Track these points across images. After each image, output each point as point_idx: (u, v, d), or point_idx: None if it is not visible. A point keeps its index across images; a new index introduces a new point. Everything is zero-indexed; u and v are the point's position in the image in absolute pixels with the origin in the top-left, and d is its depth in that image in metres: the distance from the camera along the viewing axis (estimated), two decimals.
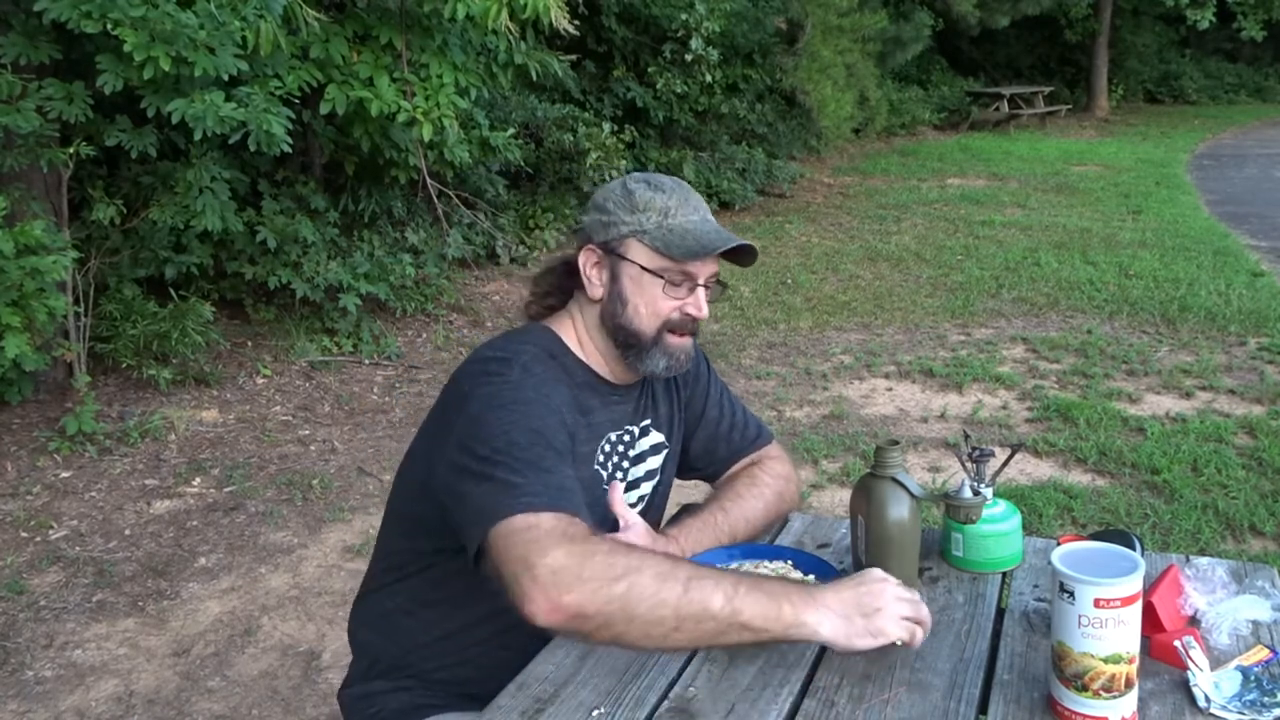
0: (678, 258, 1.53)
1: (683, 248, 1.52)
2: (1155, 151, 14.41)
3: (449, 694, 1.62)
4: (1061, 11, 18.81)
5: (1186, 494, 3.92)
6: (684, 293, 1.56)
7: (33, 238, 3.86)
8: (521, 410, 1.41)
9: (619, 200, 1.56)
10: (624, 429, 1.66)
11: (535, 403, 1.44)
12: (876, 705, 1.30)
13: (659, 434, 1.73)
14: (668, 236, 1.53)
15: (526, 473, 1.33)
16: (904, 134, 15.56)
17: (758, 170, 10.34)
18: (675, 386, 1.77)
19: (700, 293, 1.57)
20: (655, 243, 1.53)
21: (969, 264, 7.83)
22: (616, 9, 9.06)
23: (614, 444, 1.63)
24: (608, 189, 1.60)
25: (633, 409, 1.68)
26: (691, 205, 1.57)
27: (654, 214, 1.54)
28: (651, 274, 1.54)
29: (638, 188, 1.56)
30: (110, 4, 3.78)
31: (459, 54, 5.46)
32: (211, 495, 4.16)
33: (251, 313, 5.85)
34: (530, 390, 1.45)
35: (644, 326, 1.55)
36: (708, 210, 1.60)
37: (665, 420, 1.74)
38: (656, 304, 1.55)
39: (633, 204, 1.55)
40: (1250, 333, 5.95)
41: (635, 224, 1.54)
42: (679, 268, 1.54)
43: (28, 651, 3.12)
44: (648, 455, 1.71)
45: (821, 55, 10.23)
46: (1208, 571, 1.53)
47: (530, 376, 1.47)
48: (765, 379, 5.45)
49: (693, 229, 1.54)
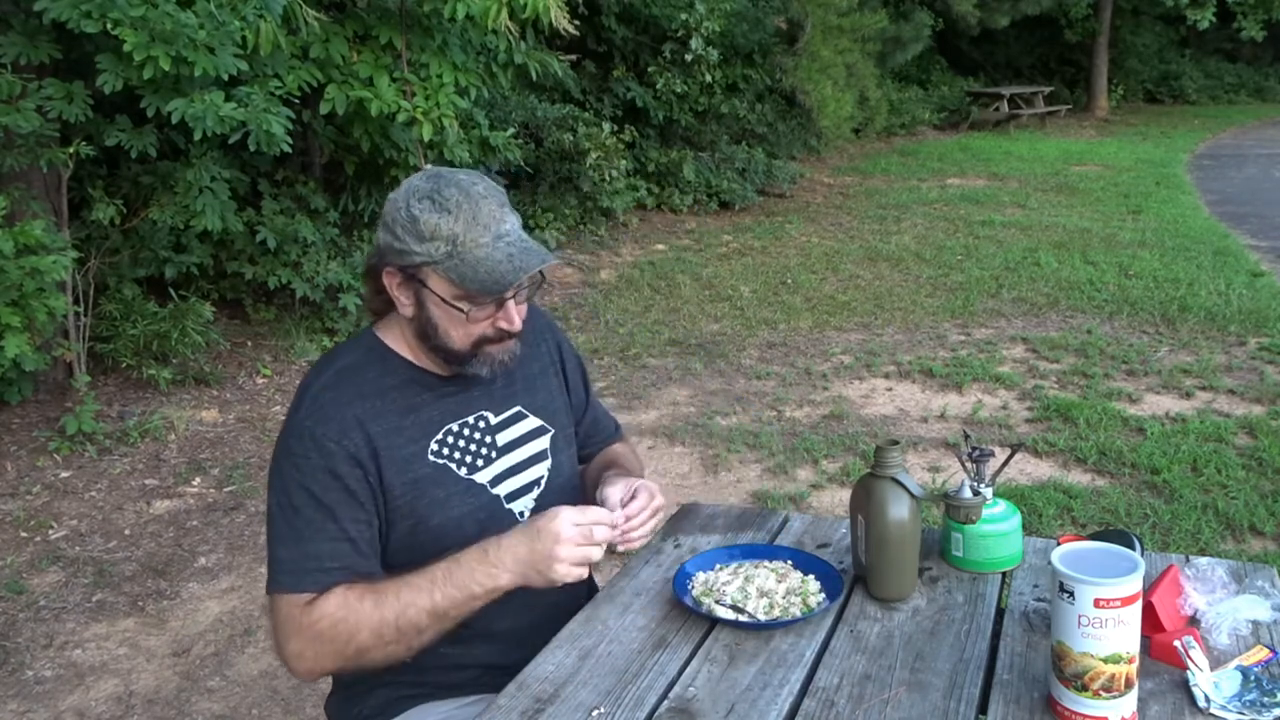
0: (474, 291, 1.48)
1: (476, 283, 1.47)
2: (1155, 151, 14.40)
3: (425, 684, 1.63)
4: (1061, 11, 18.81)
5: (1186, 494, 3.92)
6: (491, 310, 1.52)
7: (33, 238, 3.86)
8: (297, 465, 1.49)
9: (406, 225, 1.47)
10: (474, 415, 1.63)
11: (310, 453, 1.49)
12: (876, 705, 1.31)
13: (536, 419, 1.70)
14: (461, 269, 1.46)
15: (288, 542, 1.49)
16: (904, 134, 15.56)
17: (758, 170, 10.34)
18: (554, 371, 1.77)
19: (510, 307, 1.53)
20: (450, 274, 1.47)
21: (969, 264, 7.83)
22: (616, 9, 9.06)
23: (458, 433, 1.61)
24: (395, 206, 1.50)
25: (483, 396, 1.65)
26: (481, 224, 1.46)
27: (442, 244, 1.46)
28: (453, 305, 1.49)
29: (421, 211, 1.46)
30: (110, 4, 3.78)
31: (459, 54, 5.47)
32: (211, 495, 4.16)
33: (251, 313, 5.85)
34: (308, 439, 1.49)
35: (458, 346, 1.54)
36: (503, 219, 1.49)
37: (544, 405, 1.72)
38: (466, 327, 1.52)
39: (419, 232, 1.46)
40: (1250, 333, 5.95)
41: (425, 254, 1.47)
42: (479, 297, 1.50)
43: (28, 651, 3.12)
44: (526, 440, 1.68)
45: (821, 55, 10.24)
46: (1208, 571, 1.53)
47: (315, 415, 1.51)
48: (765, 379, 5.45)
49: (485, 259, 1.46)
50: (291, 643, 1.47)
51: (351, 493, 1.50)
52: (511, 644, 1.57)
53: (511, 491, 1.65)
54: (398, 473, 1.53)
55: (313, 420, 1.51)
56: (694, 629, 1.50)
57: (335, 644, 1.45)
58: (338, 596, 1.46)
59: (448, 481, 1.58)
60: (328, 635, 1.45)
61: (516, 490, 1.65)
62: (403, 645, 1.46)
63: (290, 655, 1.47)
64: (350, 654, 1.46)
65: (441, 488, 1.57)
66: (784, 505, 3.94)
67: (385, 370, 1.58)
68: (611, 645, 1.47)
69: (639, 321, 6.51)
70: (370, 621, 1.44)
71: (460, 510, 1.58)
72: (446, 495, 1.57)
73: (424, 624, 1.45)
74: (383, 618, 1.45)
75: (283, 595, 1.47)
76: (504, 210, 1.51)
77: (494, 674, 1.50)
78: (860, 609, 1.54)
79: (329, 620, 1.45)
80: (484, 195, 1.49)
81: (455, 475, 1.59)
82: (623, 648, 1.46)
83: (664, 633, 1.49)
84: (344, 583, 1.47)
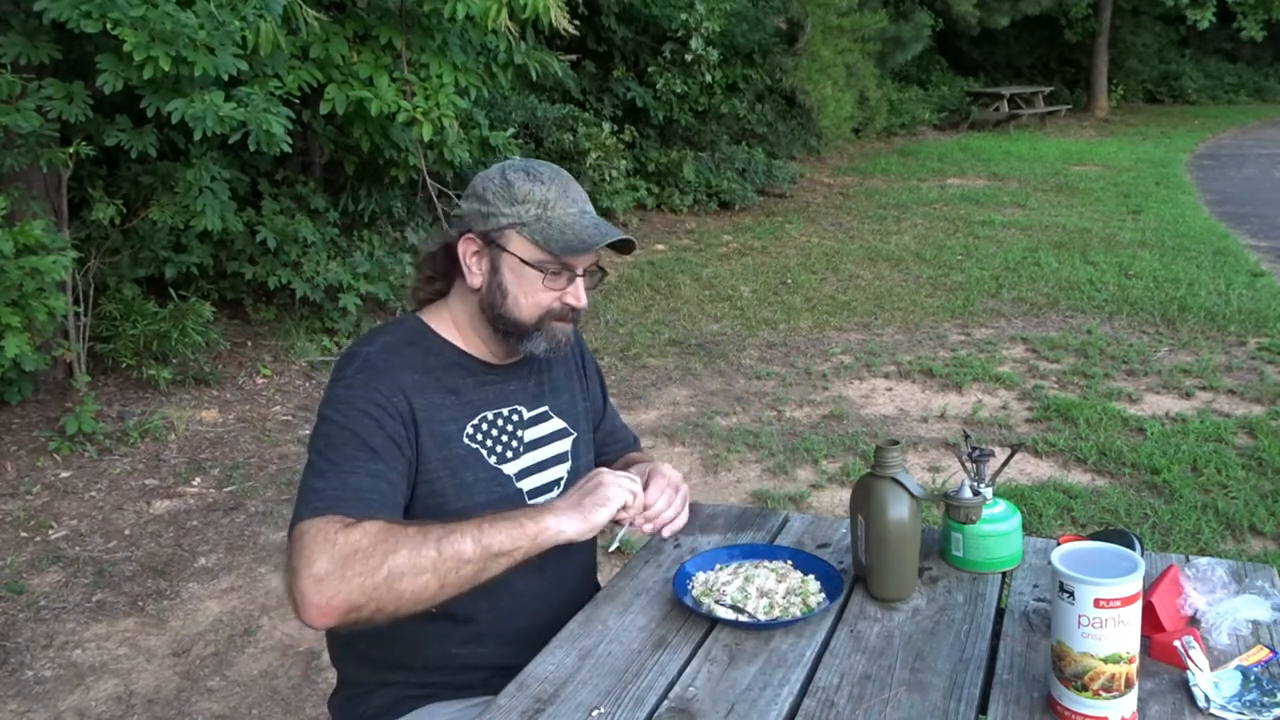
0: (557, 252, 1.55)
1: (562, 242, 1.54)
2: (1155, 151, 14.40)
3: (431, 685, 1.63)
4: (1061, 11, 18.82)
5: (1186, 494, 3.92)
6: (563, 283, 1.58)
7: (33, 238, 3.86)
8: (342, 410, 1.49)
9: (498, 190, 1.56)
10: (509, 408, 1.67)
11: (359, 400, 1.49)
12: (876, 705, 1.31)
13: (560, 420, 1.74)
14: (547, 230, 1.54)
15: (327, 474, 1.44)
16: (904, 134, 15.56)
17: (758, 170, 10.34)
18: (576, 377, 1.81)
19: (579, 283, 1.60)
20: (535, 236, 1.55)
21: (969, 264, 7.83)
22: (616, 9, 9.06)
23: (492, 422, 1.64)
24: (486, 177, 1.59)
25: (519, 390, 1.69)
26: (570, 197, 1.58)
27: (533, 206, 1.55)
28: (531, 266, 1.56)
29: (516, 178, 1.56)
30: (110, 4, 3.78)
31: (459, 54, 5.46)
32: (211, 495, 4.16)
33: (251, 313, 5.85)
34: (359, 387, 1.50)
35: (525, 316, 1.58)
36: (587, 200, 1.61)
37: (567, 409, 1.76)
38: (537, 295, 1.57)
39: (511, 195, 1.55)
40: (1250, 333, 5.95)
41: (514, 216, 1.55)
42: (558, 261, 1.56)
43: (28, 651, 3.12)
44: (550, 440, 1.71)
45: (821, 55, 10.24)
46: (1208, 571, 1.53)
47: (366, 370, 1.53)
48: (765, 379, 5.45)
49: (571, 223, 1.55)
50: (318, 562, 1.32)
51: (396, 444, 1.50)
52: (522, 645, 1.56)
53: (534, 488, 1.67)
54: (435, 446, 1.55)
55: (364, 375, 1.53)
56: (694, 629, 1.50)
57: (369, 563, 1.33)
58: (379, 523, 1.39)
59: (477, 467, 1.60)
60: (363, 553, 1.34)
61: (538, 488, 1.67)
62: (438, 578, 1.37)
63: (311, 578, 1.32)
64: (381, 579, 1.33)
65: (471, 472, 1.59)
66: (784, 505, 3.94)
67: (429, 351, 1.61)
68: (611, 645, 1.47)
69: (639, 321, 6.51)
70: (411, 541, 1.37)
71: (484, 498, 1.59)
72: (474, 480, 1.59)
73: (467, 554, 1.38)
74: (425, 539, 1.38)
75: (316, 518, 1.37)
76: (585, 196, 1.62)
77: (502, 675, 1.48)
78: (860, 609, 1.54)
79: (369, 538, 1.35)
80: (572, 180, 1.61)
81: (485, 462, 1.61)
82: (623, 648, 1.46)
83: (664, 633, 1.49)
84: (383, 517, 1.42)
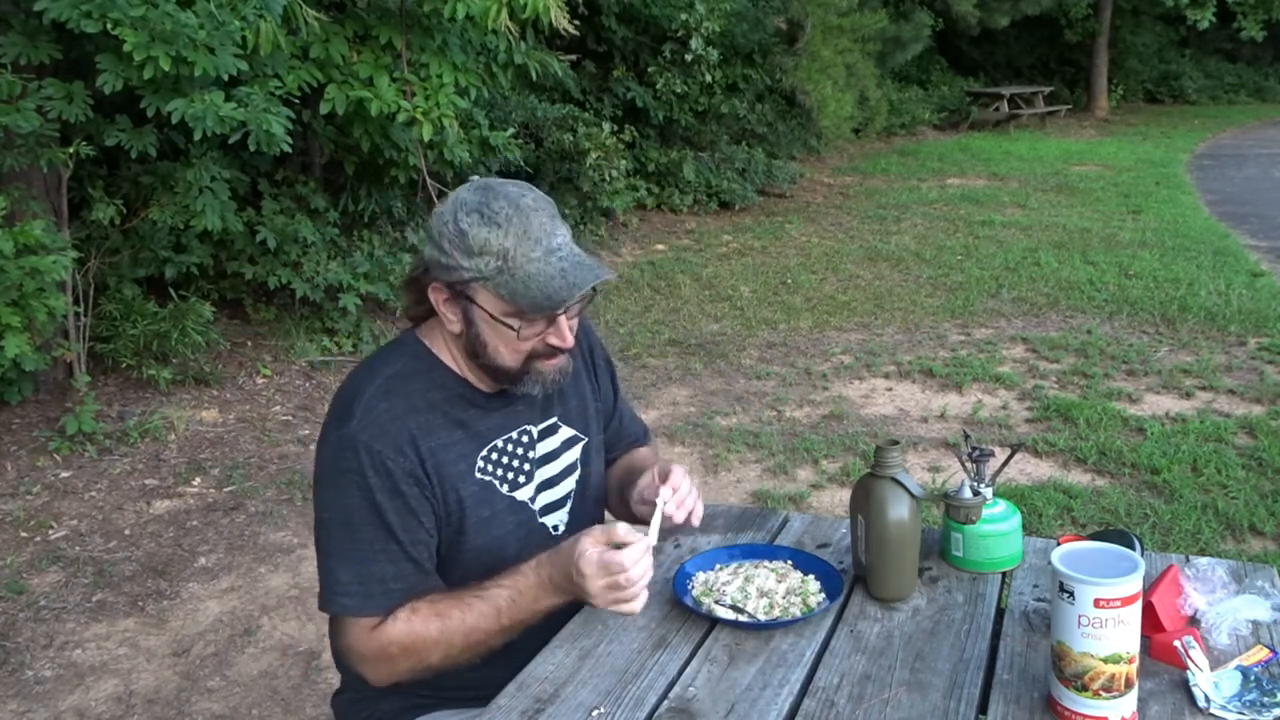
0: (525, 309, 1.43)
1: (528, 300, 1.42)
2: (1155, 151, 14.40)
3: (438, 696, 1.63)
4: (1061, 11, 18.81)
5: (1186, 494, 3.92)
6: (542, 326, 1.48)
7: (33, 238, 3.86)
8: (351, 480, 1.44)
9: (454, 240, 1.42)
10: (518, 430, 1.61)
11: (368, 475, 1.43)
12: (876, 705, 1.30)
13: (570, 429, 1.68)
14: (511, 285, 1.41)
15: (349, 561, 1.47)
16: (904, 134, 15.55)
17: (758, 170, 10.34)
18: (586, 377, 1.74)
19: (562, 323, 1.49)
20: (500, 289, 1.42)
21: (969, 264, 7.83)
22: (616, 9, 9.05)
23: (503, 449, 1.58)
24: (441, 221, 1.44)
25: (527, 410, 1.62)
26: (533, 238, 1.41)
27: (491, 258, 1.41)
28: (502, 322, 1.45)
29: (470, 224, 1.41)
30: (110, 4, 3.78)
31: (459, 54, 5.46)
32: (211, 495, 4.16)
33: (251, 313, 5.85)
34: (364, 455, 1.43)
35: (509, 363, 1.50)
36: (554, 230, 1.44)
37: (577, 414, 1.70)
38: (516, 344, 1.48)
39: (467, 246, 1.41)
40: (1250, 333, 5.95)
41: (475, 270, 1.42)
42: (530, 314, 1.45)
43: (28, 651, 3.12)
44: (560, 452, 1.67)
45: (821, 55, 10.23)
46: (1208, 571, 1.53)
47: (370, 427, 1.45)
48: (765, 379, 5.45)
49: (536, 274, 1.40)
50: (364, 665, 1.51)
51: (413, 511, 1.47)
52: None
53: (546, 505, 1.64)
54: (448, 489, 1.52)
55: (368, 435, 1.45)
56: (694, 629, 1.50)
57: (407, 663, 1.49)
58: (403, 621, 1.47)
59: (493, 500, 1.57)
60: (399, 658, 1.48)
61: (551, 504, 1.65)
62: (468, 658, 1.50)
63: (363, 673, 1.52)
64: (421, 669, 1.50)
65: (487, 506, 1.55)
66: (784, 505, 3.94)
67: (432, 382, 1.53)
68: (611, 645, 1.47)
69: (639, 321, 6.51)
70: (440, 646, 1.48)
71: (502, 530, 1.57)
72: (491, 515, 1.56)
73: (493, 643, 1.49)
74: (450, 642, 1.47)
75: (347, 619, 1.50)
76: (555, 223, 1.44)
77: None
78: (860, 609, 1.54)
79: (398, 646, 1.47)
80: (534, 208, 1.43)
81: (499, 493, 1.57)
82: (623, 648, 1.46)
83: (664, 633, 1.49)
84: (408, 602, 1.48)
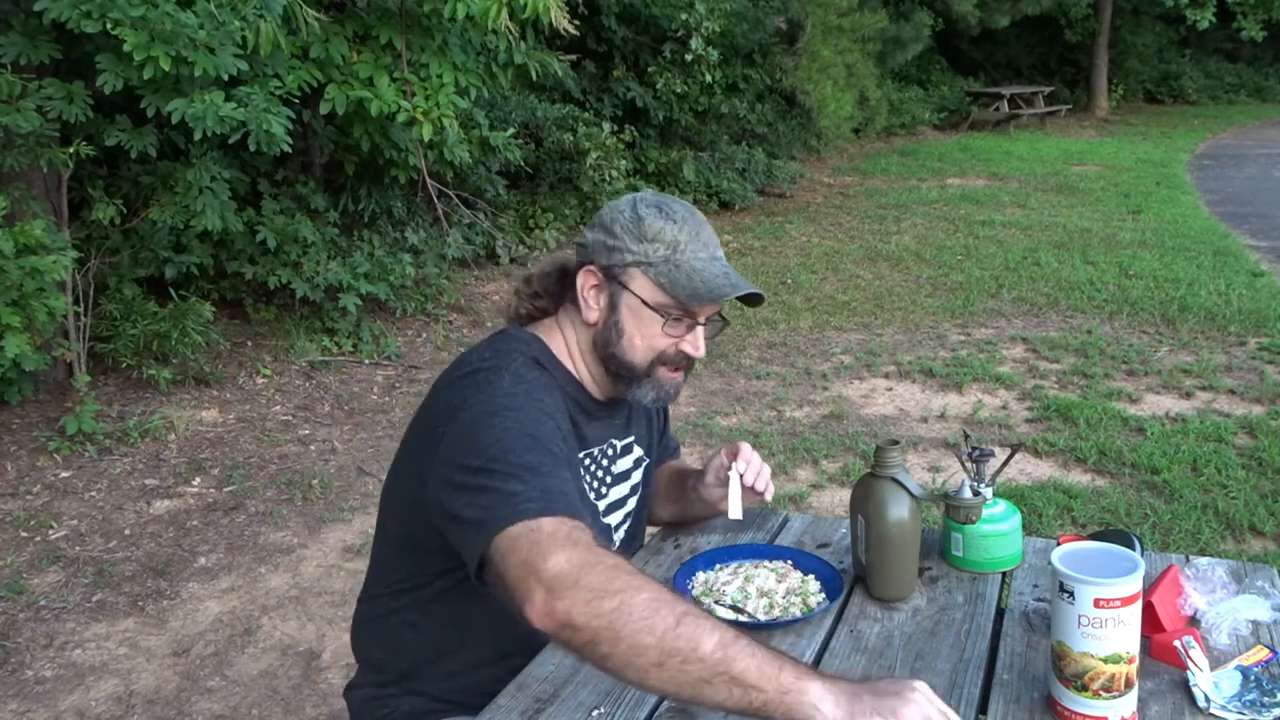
0: (682, 298, 1.48)
1: (689, 289, 1.47)
2: (1155, 151, 14.40)
3: (459, 703, 1.61)
4: (1061, 11, 18.81)
5: (1186, 494, 3.92)
6: (682, 329, 1.51)
7: (33, 238, 3.86)
8: (515, 416, 1.36)
9: (627, 225, 1.49)
10: (607, 444, 1.63)
11: (529, 408, 1.39)
12: None
13: (639, 449, 1.71)
14: (674, 274, 1.47)
15: (525, 478, 1.27)
16: (904, 134, 15.55)
17: (758, 170, 10.34)
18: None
19: (699, 331, 1.52)
20: (660, 278, 1.48)
21: (969, 264, 7.83)
22: (616, 9, 9.06)
23: (595, 459, 1.60)
24: (616, 209, 1.52)
25: (617, 425, 1.65)
26: (702, 240, 1.50)
27: (662, 246, 1.47)
28: (652, 309, 1.48)
29: (648, 214, 1.49)
30: (110, 4, 3.78)
31: (459, 54, 5.46)
32: (211, 495, 4.16)
33: (251, 313, 5.85)
34: (523, 396, 1.40)
35: (637, 359, 1.51)
36: (718, 246, 1.53)
37: (645, 435, 1.73)
38: (653, 339, 1.50)
39: (641, 232, 1.48)
40: (1250, 333, 5.95)
41: (641, 254, 1.48)
42: (681, 306, 1.49)
43: (28, 651, 3.12)
44: (631, 471, 1.69)
45: (821, 55, 10.23)
46: (1208, 571, 1.53)
47: (522, 383, 1.42)
48: (765, 379, 5.45)
49: (700, 269, 1.48)
50: (553, 558, 1.16)
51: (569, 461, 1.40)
52: None
53: (612, 523, 1.65)
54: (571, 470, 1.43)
55: (524, 387, 1.41)
56: None
57: (607, 584, 1.14)
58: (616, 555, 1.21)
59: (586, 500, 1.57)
60: (602, 572, 1.15)
61: (617, 523, 1.66)
62: (660, 653, 1.11)
63: (547, 573, 1.15)
64: (606, 610, 1.12)
65: (585, 503, 1.54)
66: (784, 505, 3.93)
67: (557, 377, 1.53)
68: None
69: None
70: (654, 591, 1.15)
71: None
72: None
73: (704, 650, 1.10)
74: (668, 601, 1.14)
75: (534, 520, 1.21)
76: (717, 242, 1.54)
77: None
78: (860, 609, 1.54)
79: (612, 559, 1.18)
80: (705, 221, 1.52)
81: (587, 497, 1.58)
82: None
83: None
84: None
